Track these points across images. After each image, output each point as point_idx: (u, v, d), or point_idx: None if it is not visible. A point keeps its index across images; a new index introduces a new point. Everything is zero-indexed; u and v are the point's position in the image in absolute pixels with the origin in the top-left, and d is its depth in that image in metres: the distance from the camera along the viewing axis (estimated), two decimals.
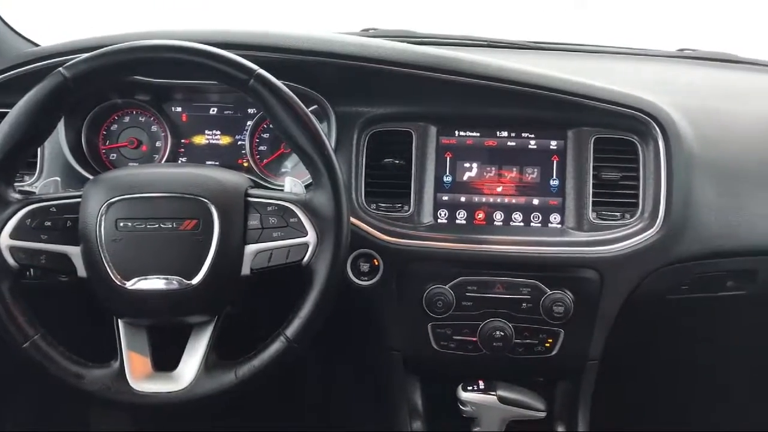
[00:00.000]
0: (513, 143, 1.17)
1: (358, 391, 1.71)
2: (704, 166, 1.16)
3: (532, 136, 1.17)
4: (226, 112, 1.25)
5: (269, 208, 0.92)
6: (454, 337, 1.17)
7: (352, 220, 1.06)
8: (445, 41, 1.50)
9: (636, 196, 1.15)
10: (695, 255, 1.16)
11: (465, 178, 1.17)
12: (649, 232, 1.12)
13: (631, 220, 1.14)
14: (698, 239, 1.15)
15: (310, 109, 0.96)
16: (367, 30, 1.56)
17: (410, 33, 1.53)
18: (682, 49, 1.67)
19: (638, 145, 1.15)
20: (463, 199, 1.17)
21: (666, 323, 1.45)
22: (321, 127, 0.91)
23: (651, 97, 1.16)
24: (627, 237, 1.12)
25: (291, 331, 0.90)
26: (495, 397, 1.12)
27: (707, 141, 1.18)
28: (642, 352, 1.59)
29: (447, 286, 1.14)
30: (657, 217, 1.12)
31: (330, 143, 0.93)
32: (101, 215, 0.88)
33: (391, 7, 1.90)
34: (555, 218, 1.16)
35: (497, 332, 1.14)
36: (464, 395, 1.13)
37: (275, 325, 0.92)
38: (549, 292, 1.13)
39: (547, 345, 1.17)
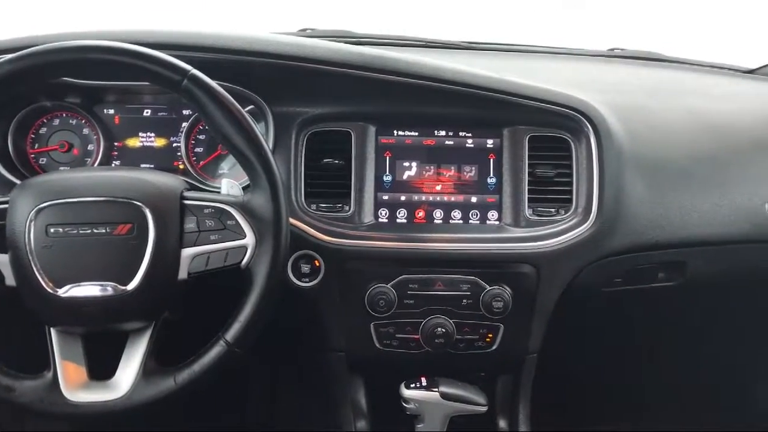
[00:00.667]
0: (451, 142, 1.19)
1: (302, 392, 1.71)
2: (634, 161, 1.20)
3: (470, 134, 1.19)
4: (160, 114, 1.22)
5: (206, 211, 0.91)
6: (397, 336, 1.17)
7: (292, 221, 1.05)
8: (382, 41, 1.51)
9: (570, 192, 1.18)
10: (627, 248, 1.20)
11: (404, 177, 1.18)
12: (583, 227, 1.15)
13: (566, 215, 1.17)
14: (630, 233, 1.19)
15: (246, 109, 0.95)
16: (304, 30, 1.56)
17: (347, 33, 1.54)
18: (611, 49, 1.73)
19: (571, 142, 1.18)
20: (403, 198, 1.18)
21: (601, 315, 1.49)
22: (258, 128, 0.91)
23: (582, 95, 1.19)
24: (562, 232, 1.15)
25: (231, 335, 0.89)
26: (437, 394, 1.12)
27: (636, 137, 1.22)
28: (579, 345, 1.63)
29: (389, 285, 1.14)
30: (590, 212, 1.15)
31: (267, 144, 0.92)
32: (30, 221, 0.85)
33: (330, 7, 1.90)
34: (493, 215, 1.18)
35: (439, 329, 1.15)
36: (407, 393, 1.14)
37: (217, 329, 0.91)
38: (488, 287, 1.15)
39: (488, 340, 1.18)
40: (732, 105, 1.41)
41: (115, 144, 1.22)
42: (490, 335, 1.19)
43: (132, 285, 0.86)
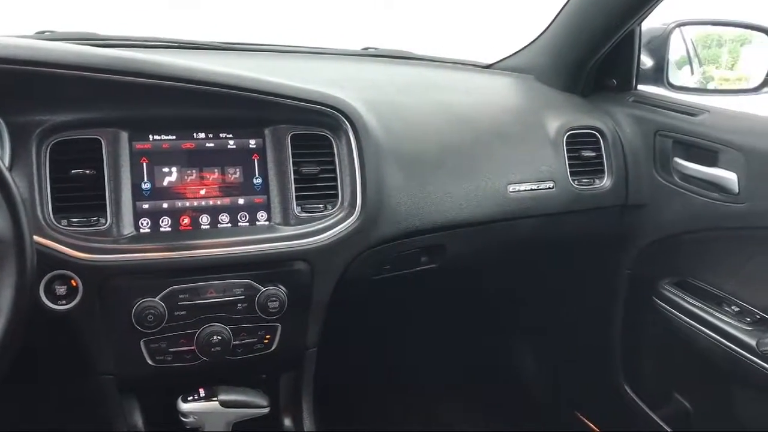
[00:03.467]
0: (212, 144, 1.15)
1: (72, 419, 1.57)
2: (392, 155, 1.26)
3: (231, 135, 1.16)
4: None
5: None
6: (171, 350, 1.12)
7: (39, 239, 0.96)
8: (131, 43, 1.43)
9: (335, 187, 1.20)
10: (392, 236, 1.26)
11: (165, 183, 1.12)
12: (350, 220, 1.18)
13: (333, 210, 1.19)
14: (393, 222, 1.25)
15: None
16: (42, 32, 1.43)
17: (91, 35, 1.43)
18: (365, 48, 1.80)
19: (332, 139, 1.21)
20: (165, 205, 1.12)
21: (374, 303, 1.56)
22: None
23: (340, 93, 1.22)
24: (331, 227, 1.17)
25: None
26: (216, 402, 1.10)
27: (392, 132, 1.28)
28: (357, 335, 1.69)
29: (157, 299, 1.09)
30: (356, 205, 1.19)
31: (3, 158, 0.83)
32: None
33: (75, 9, 1.76)
34: (262, 216, 1.17)
35: (215, 337, 1.12)
36: (184, 406, 1.10)
37: None
38: (263, 288, 1.14)
39: (266, 341, 1.18)
40: (473, 98, 1.54)
41: None
42: (269, 336, 1.18)
43: None
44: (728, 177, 1.36)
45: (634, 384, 1.75)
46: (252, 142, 1.17)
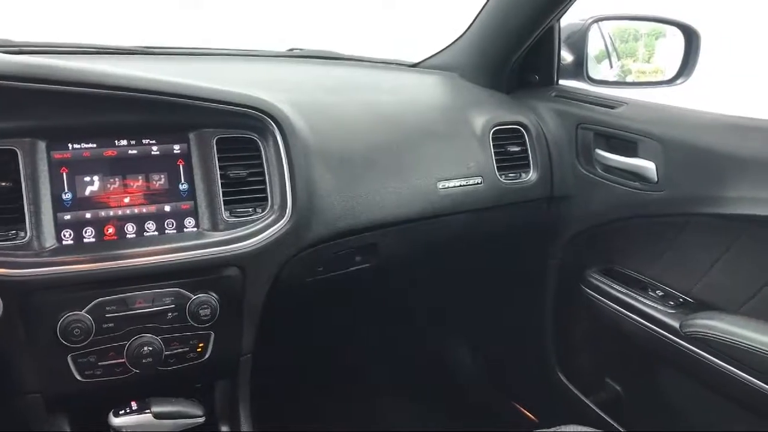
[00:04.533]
0: (135, 151, 1.12)
1: None
2: (321, 156, 1.26)
3: (154, 141, 1.13)
4: None
5: None
6: (100, 364, 1.09)
7: None
8: (45, 50, 1.38)
9: (264, 191, 1.19)
10: (324, 238, 1.26)
11: (87, 193, 1.08)
12: (280, 223, 1.17)
13: (263, 213, 1.18)
14: (325, 223, 1.25)
15: None
16: None
17: (5, 42, 1.38)
18: (291, 49, 1.79)
19: (259, 142, 1.19)
20: (88, 215, 1.08)
21: (309, 305, 1.55)
22: None
23: (265, 95, 1.20)
24: (261, 230, 1.16)
25: None
26: (150, 415, 1.07)
27: (320, 133, 1.28)
28: (294, 338, 1.68)
29: (83, 312, 1.05)
30: (286, 208, 1.18)
31: None
32: None
33: None
34: (190, 222, 1.15)
35: (146, 348, 1.10)
36: (116, 421, 1.07)
37: None
38: (193, 296, 1.12)
39: (199, 350, 1.16)
40: (400, 97, 1.55)
41: None
42: (202, 345, 1.16)
43: None
44: (647, 166, 1.41)
45: (567, 372, 1.80)
46: (176, 147, 1.15)
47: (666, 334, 1.37)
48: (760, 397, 1.19)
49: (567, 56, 1.69)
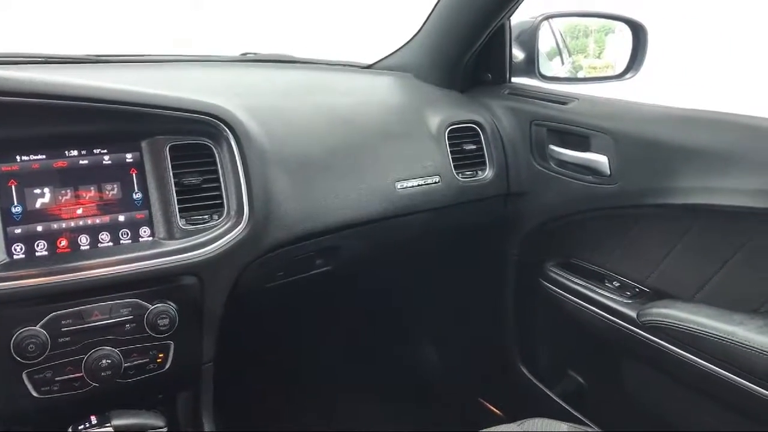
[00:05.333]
0: (86, 161, 1.10)
1: None
2: (277, 160, 1.25)
3: (105, 151, 1.11)
4: None
5: None
6: (57, 379, 1.06)
7: None
8: None
9: (220, 197, 1.17)
10: (283, 242, 1.25)
11: (38, 205, 1.06)
12: (237, 229, 1.16)
13: (220, 220, 1.17)
14: (283, 227, 1.24)
15: None
16: None
17: None
18: (244, 54, 1.78)
19: (213, 148, 1.18)
20: (40, 228, 1.06)
21: (272, 310, 1.54)
22: None
23: (219, 101, 1.19)
24: (218, 237, 1.15)
25: None
26: (110, 428, 1.05)
27: (276, 137, 1.27)
28: (257, 344, 1.67)
29: (38, 327, 1.03)
30: (243, 214, 1.17)
31: None
32: None
33: None
34: (145, 231, 1.13)
35: (104, 361, 1.08)
36: None
37: None
38: (151, 307, 1.11)
39: (159, 360, 1.14)
40: (355, 98, 1.55)
41: None
42: (162, 355, 1.14)
43: None
44: (600, 160, 1.44)
45: (530, 365, 1.82)
46: (129, 156, 1.13)
47: (624, 324, 1.40)
48: (717, 383, 1.22)
49: (519, 54, 1.71)
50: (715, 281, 1.30)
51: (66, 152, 1.09)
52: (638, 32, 1.65)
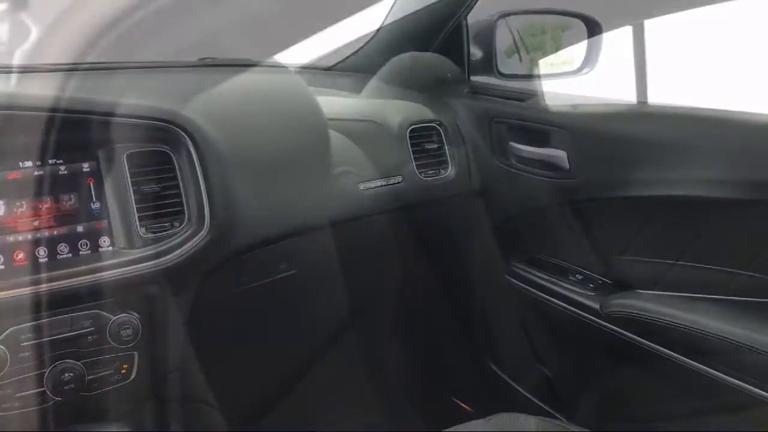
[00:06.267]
0: (41, 172, 1.07)
1: None
2: (237, 164, 1.23)
3: (61, 161, 1.09)
4: None
5: None
6: (18, 395, 1.04)
7: None
8: None
9: (181, 204, 1.16)
10: (246, 247, 1.24)
11: None
12: (199, 236, 1.15)
13: (181, 227, 1.15)
14: (246, 232, 1.23)
15: None
16: None
17: None
18: (202, 59, 1.75)
19: (171, 155, 1.16)
20: None
21: (238, 316, 1.53)
22: None
23: (176, 106, 1.18)
24: (180, 245, 1.13)
25: None
26: None
27: (236, 141, 1.26)
28: (225, 352, 1.65)
29: None
30: (204, 220, 1.15)
31: None
32: None
33: None
34: (105, 241, 1.11)
35: (66, 374, 1.06)
36: None
37: None
38: (113, 317, 1.09)
39: (124, 371, 1.12)
40: (315, 100, 1.54)
41: None
42: (126, 366, 1.12)
43: None
44: (559, 155, 1.46)
45: (499, 362, 1.83)
46: (85, 165, 1.11)
47: (588, 316, 1.42)
48: (681, 371, 1.24)
49: (477, 53, 1.72)
50: (675, 271, 1.33)
51: (20, 163, 1.06)
52: (593, 28, 1.68)
